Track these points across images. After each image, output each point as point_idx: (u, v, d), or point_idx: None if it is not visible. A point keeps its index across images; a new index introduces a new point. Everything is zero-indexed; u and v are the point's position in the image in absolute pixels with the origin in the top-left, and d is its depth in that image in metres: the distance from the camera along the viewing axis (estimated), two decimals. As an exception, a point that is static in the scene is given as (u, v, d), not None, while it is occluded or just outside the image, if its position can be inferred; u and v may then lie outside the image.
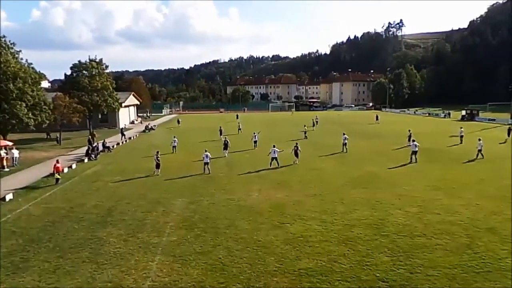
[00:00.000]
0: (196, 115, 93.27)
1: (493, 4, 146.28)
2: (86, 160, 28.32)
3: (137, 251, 11.85)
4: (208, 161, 22.82)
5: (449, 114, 73.25)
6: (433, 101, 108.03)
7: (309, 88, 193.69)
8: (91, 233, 13.37)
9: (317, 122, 54.69)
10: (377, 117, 62.81)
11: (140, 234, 13.19)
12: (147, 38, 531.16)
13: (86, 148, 30.88)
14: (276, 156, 24.18)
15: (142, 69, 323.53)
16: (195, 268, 10.68)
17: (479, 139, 27.34)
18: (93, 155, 29.38)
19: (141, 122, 67.60)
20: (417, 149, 25.60)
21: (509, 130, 36.07)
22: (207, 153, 23.12)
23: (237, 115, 73.15)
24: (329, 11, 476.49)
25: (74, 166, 26.04)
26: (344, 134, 31.65)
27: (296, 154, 25.67)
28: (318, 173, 22.80)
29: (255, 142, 33.20)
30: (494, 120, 60.64)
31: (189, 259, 11.23)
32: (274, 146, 24.83)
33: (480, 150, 26.47)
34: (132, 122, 66.89)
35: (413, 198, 17.09)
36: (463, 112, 67.08)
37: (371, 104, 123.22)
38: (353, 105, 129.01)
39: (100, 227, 13.99)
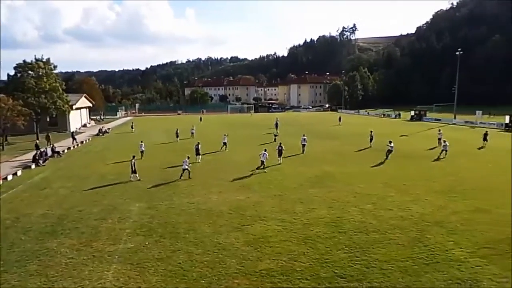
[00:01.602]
0: (153, 117, 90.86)
1: (437, 12, 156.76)
2: (33, 166, 26.55)
3: (91, 260, 11.29)
4: (187, 166, 22.23)
5: (399, 114, 77.28)
6: (385, 102, 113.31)
7: (268, 89, 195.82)
8: (39, 244, 12.53)
9: (277, 124, 54.15)
10: (340, 118, 64.35)
11: (95, 243, 12.58)
12: (99, 37, 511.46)
13: (33, 153, 28.96)
14: (264, 160, 24.11)
15: (95, 70, 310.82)
16: (154, 275, 10.37)
17: (445, 140, 28.51)
18: (41, 161, 27.63)
19: (100, 122, 64.71)
20: (392, 149, 26.72)
21: (485, 134, 34.24)
22: (186, 159, 22.65)
23: (201, 118, 72.32)
24: (286, 14, 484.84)
25: (19, 173, 24.32)
26: (303, 135, 32.32)
27: (280, 153, 26.21)
28: (278, 174, 23.05)
29: (225, 143, 33.02)
30: (439, 120, 64.81)
31: (148, 266, 10.89)
32: (265, 150, 24.83)
33: (445, 150, 27.40)
34: (85, 125, 63.80)
35: (368, 195, 17.78)
36: (412, 113, 71.11)
37: (327, 105, 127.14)
38: (311, 107, 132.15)
39: (49, 237, 13.16)
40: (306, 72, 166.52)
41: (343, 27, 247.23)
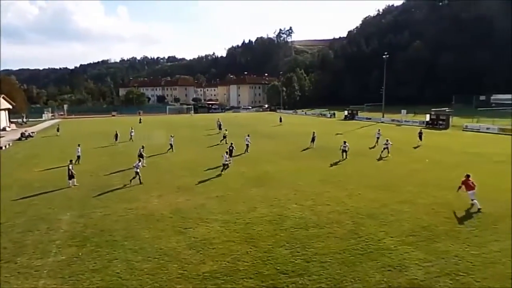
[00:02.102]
0: (85, 119, 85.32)
1: (366, 17, 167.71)
2: None
3: (15, 277, 10.26)
4: (138, 170, 21.05)
5: (334, 114, 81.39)
6: (320, 102, 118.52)
7: (207, 90, 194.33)
8: (-49, 264, 11.10)
9: (218, 124, 52.72)
10: (280, 119, 65.66)
11: (19, 258, 11.45)
12: (18, 33, 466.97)
13: None
14: (227, 163, 23.65)
15: (15, 68, 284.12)
16: (89, 287, 9.73)
17: (387, 140, 28.80)
18: (-49, 170, 24.52)
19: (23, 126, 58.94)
20: (346, 148, 27.35)
21: (420, 133, 34.90)
22: (138, 162, 21.51)
23: (140, 119, 69.25)
24: (224, 15, 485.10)
25: None
26: (247, 135, 32.77)
27: (231, 154, 26.09)
28: (219, 175, 22.95)
29: (171, 145, 32.20)
30: (370, 118, 69.44)
31: (82, 278, 10.18)
32: (227, 154, 24.39)
33: (387, 148, 28.06)
34: (4, 129, 57.83)
35: (307, 192, 18.43)
36: (346, 112, 75.34)
37: (266, 105, 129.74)
38: (250, 107, 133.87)
39: (-36, 255, 11.72)
40: (245, 72, 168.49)
41: (280, 29, 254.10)
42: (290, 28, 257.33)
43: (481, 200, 16.06)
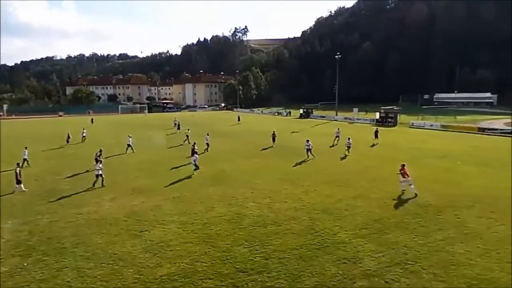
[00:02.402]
0: (28, 120, 79.77)
1: (319, 18, 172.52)
2: None
3: (-51, 293, 9.37)
4: (101, 172, 19.88)
5: (290, 112, 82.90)
6: (276, 101, 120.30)
7: (162, 89, 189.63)
8: None
9: (175, 124, 52.00)
10: (238, 117, 65.65)
11: (-46, 272, 10.46)
12: None
13: None
14: (197, 163, 22.85)
15: None
16: (36, 299, 9.12)
17: (349, 138, 29.19)
18: None
19: None
20: (310, 147, 27.07)
21: (376, 132, 35.27)
22: (99, 164, 20.32)
23: (92, 119, 65.50)
24: (178, 12, 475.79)
25: None
26: (207, 134, 32.64)
27: (193, 153, 25.49)
28: (176, 175, 22.49)
29: (129, 145, 31.08)
30: (324, 117, 71.54)
31: (27, 289, 9.51)
32: (196, 153, 23.67)
33: (348, 147, 28.43)
34: None
35: (264, 190, 18.59)
36: (301, 111, 77.04)
37: (223, 104, 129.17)
38: (206, 106, 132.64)
39: None
40: (201, 71, 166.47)
41: (235, 28, 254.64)
42: (246, 27, 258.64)
43: (425, 192, 17.21)
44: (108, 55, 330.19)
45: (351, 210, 15.30)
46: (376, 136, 34.97)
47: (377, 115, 58.09)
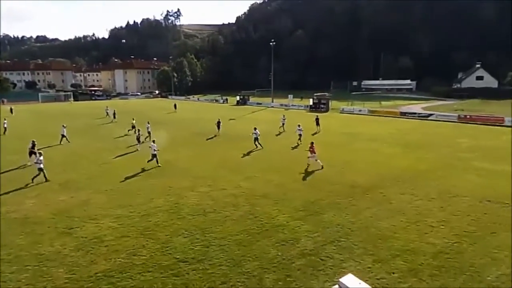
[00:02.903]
0: None
1: (253, 4, 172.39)
2: None
3: None
4: (42, 166, 17.93)
5: (226, 100, 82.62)
6: (212, 88, 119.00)
7: (88, 75, 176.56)
8: None
9: (107, 112, 49.16)
10: (175, 105, 63.40)
11: None
12: None
13: None
14: (156, 153, 21.12)
15: None
16: None
17: (299, 125, 28.38)
18: None
19: None
20: (257, 135, 26.08)
21: (316, 119, 34.72)
22: (40, 157, 18.29)
23: (11, 109, 58.22)
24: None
25: None
26: (148, 123, 31.57)
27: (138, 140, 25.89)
28: (110, 167, 21.33)
29: (64, 136, 29.07)
30: (261, 103, 72.46)
31: None
32: (153, 142, 21.64)
33: (300, 136, 27.55)
34: None
35: (203, 178, 18.43)
36: (238, 98, 77.17)
37: (157, 91, 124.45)
38: (139, 93, 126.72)
39: None
40: (132, 56, 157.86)
41: (168, 11, 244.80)
42: (178, 11, 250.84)
43: (355, 173, 18.42)
44: (23, 37, 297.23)
45: (289, 194, 15.83)
46: (318, 123, 34.57)
47: (311, 101, 60.32)
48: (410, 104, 64.06)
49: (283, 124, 34.62)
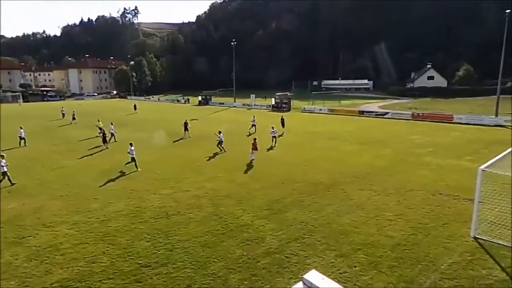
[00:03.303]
0: None
1: (213, 3, 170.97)
2: None
3: None
4: (6, 169, 17.03)
5: (188, 100, 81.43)
6: (173, 88, 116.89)
7: (39, 75, 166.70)
8: None
9: (63, 114, 48.13)
10: (135, 106, 61.06)
11: None
12: None
13: None
14: (133, 155, 20.07)
15: None
16: None
17: (272, 127, 27.74)
18: None
19: None
20: (220, 139, 25.13)
21: (282, 120, 33.96)
22: (3, 160, 17.39)
23: None
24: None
25: None
26: (111, 124, 30.69)
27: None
28: (64, 172, 20.29)
29: (22, 138, 28.10)
30: (223, 103, 72.11)
31: None
32: (131, 145, 20.36)
33: (274, 137, 26.96)
34: None
35: (166, 180, 18.04)
36: (200, 98, 76.26)
37: (115, 92, 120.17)
38: (96, 94, 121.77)
39: None
40: (87, 55, 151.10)
41: (125, 9, 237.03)
42: (136, 8, 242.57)
43: (317, 171, 18.82)
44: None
45: (251, 193, 15.87)
46: (283, 124, 33.73)
47: (273, 101, 60.90)
48: (367, 103, 66.60)
49: (254, 125, 33.25)
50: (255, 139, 21.90)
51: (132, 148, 20.25)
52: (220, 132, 25.39)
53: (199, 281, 9.18)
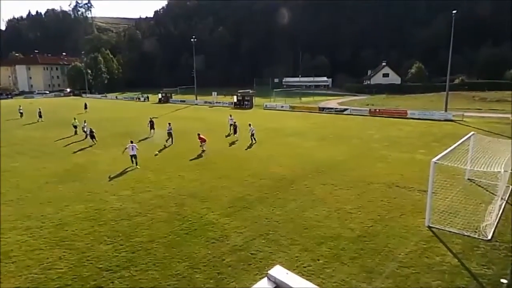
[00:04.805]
0: None
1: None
2: None
3: None
4: None
5: (147, 97, 79.20)
6: (131, 86, 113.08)
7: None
8: None
9: (21, 113, 46.94)
10: (85, 105, 57.50)
11: None
12: None
13: None
14: (135, 153, 19.75)
15: None
16: None
17: (250, 124, 27.17)
18: None
19: None
20: (171, 131, 27.10)
21: (235, 127, 29.72)
22: None
23: None
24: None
25: None
26: (85, 122, 30.75)
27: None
28: (11, 175, 19.03)
29: None
30: (185, 101, 70.92)
31: None
32: (132, 142, 19.94)
33: (252, 135, 26.51)
34: None
35: (124, 181, 17.48)
36: (160, 96, 74.41)
37: (69, 90, 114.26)
38: (48, 92, 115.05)
39: None
40: (36, 51, 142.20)
41: (77, 2, 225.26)
42: (89, 2, 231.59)
43: (280, 167, 19.06)
44: None
45: (215, 191, 15.77)
46: (236, 132, 29.72)
47: (235, 98, 60.75)
48: (327, 100, 68.29)
49: (232, 125, 30.68)
50: (198, 134, 23.77)
51: (135, 145, 20.22)
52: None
53: (163, 283, 9.00)
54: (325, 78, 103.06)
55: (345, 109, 48.94)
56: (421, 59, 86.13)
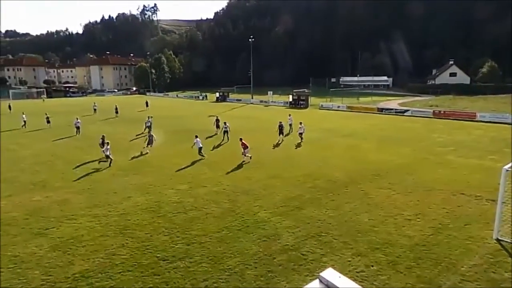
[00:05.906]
0: None
1: (231, 0, 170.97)
2: None
3: None
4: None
5: (206, 96, 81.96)
6: (191, 85, 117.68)
7: (62, 71, 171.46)
8: None
9: (95, 109, 53.89)
10: (147, 103, 60.37)
11: None
12: None
13: None
14: (201, 146, 22.18)
15: None
16: None
17: (301, 123, 27.28)
18: None
19: None
20: (227, 128, 28.13)
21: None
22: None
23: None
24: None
25: None
26: (148, 117, 32.63)
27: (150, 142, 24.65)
28: (86, 166, 20.79)
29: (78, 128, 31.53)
30: (241, 100, 72.31)
31: None
32: (196, 137, 22.45)
33: (300, 134, 26.66)
34: None
35: (183, 176, 18.27)
36: (217, 94, 76.63)
37: (134, 88, 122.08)
38: (116, 90, 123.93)
39: None
40: (108, 52, 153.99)
41: (144, 6, 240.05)
42: (155, 5, 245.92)
43: (334, 169, 18.66)
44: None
45: (268, 189, 15.88)
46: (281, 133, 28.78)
47: (290, 98, 60.58)
48: (387, 100, 65.42)
49: (291, 124, 31.21)
50: (240, 138, 21.69)
51: (199, 140, 22.31)
52: (225, 123, 28.50)
53: (215, 276, 9.28)
54: (385, 78, 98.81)
55: (406, 110, 46.53)
56: (493, 57, 79.03)
